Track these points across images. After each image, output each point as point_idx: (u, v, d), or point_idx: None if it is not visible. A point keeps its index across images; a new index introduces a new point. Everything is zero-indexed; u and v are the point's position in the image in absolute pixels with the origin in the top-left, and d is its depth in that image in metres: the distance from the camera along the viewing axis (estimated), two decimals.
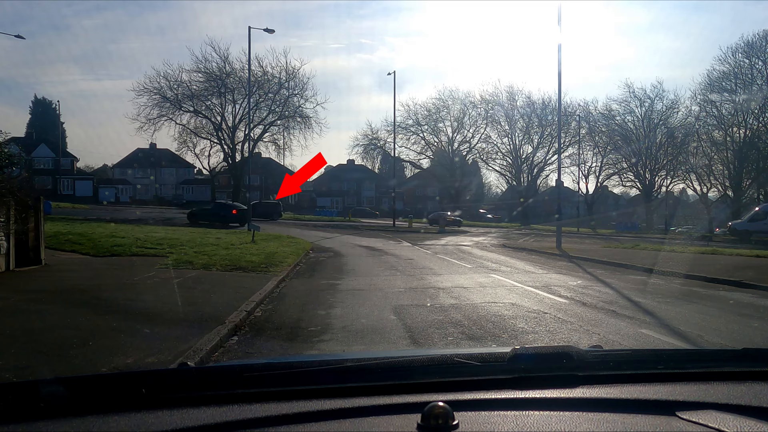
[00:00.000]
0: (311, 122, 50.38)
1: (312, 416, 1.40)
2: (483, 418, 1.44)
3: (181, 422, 1.35)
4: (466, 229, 44.65)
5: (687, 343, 6.81)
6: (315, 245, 22.34)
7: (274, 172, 69.17)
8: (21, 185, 11.52)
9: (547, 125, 59.37)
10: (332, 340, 6.53)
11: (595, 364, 1.77)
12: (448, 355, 1.78)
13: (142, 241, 17.71)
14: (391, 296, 9.93)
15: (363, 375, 1.66)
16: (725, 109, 50.56)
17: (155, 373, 2.17)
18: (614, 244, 28.14)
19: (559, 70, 22.97)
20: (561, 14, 22.51)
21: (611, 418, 1.45)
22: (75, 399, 1.42)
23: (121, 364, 5.07)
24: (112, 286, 9.79)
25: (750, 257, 18.94)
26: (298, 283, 11.78)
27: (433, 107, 60.11)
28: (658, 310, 8.88)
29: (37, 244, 12.12)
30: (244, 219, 32.48)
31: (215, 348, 5.91)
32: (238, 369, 1.80)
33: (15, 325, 6.60)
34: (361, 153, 63.47)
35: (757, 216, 34.63)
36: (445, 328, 7.20)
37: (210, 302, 8.51)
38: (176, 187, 78.61)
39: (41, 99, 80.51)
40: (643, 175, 56.80)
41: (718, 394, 1.62)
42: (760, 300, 10.45)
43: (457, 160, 63.16)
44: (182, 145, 50.33)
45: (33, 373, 4.76)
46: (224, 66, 48.63)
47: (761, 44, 48.18)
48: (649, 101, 55.75)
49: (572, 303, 9.49)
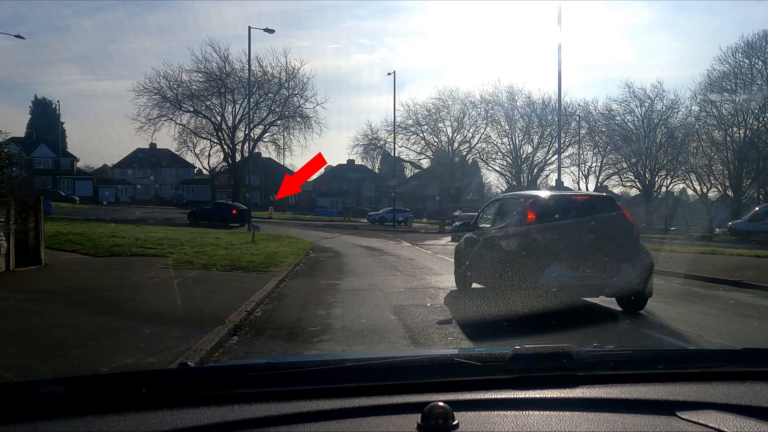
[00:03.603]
0: (311, 122, 50.47)
1: (312, 416, 1.40)
2: (483, 418, 1.44)
3: (181, 422, 1.35)
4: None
5: (687, 343, 6.81)
6: (315, 245, 22.34)
7: (274, 172, 69.21)
8: (21, 185, 11.52)
9: (547, 125, 59.36)
10: (332, 340, 6.52)
11: (595, 364, 1.77)
12: (448, 355, 1.78)
13: (142, 241, 17.71)
14: (391, 296, 9.93)
15: (363, 375, 1.66)
16: (725, 109, 50.59)
17: (155, 373, 2.17)
18: None
19: (559, 70, 23.04)
20: (561, 14, 22.56)
21: (611, 418, 1.45)
22: (75, 399, 1.42)
23: (121, 364, 5.06)
24: (112, 286, 9.79)
25: (750, 257, 18.94)
26: (298, 283, 11.78)
27: (433, 107, 60.15)
28: (658, 310, 8.87)
29: (37, 244, 12.11)
30: (244, 219, 32.49)
31: (215, 348, 5.91)
32: (239, 369, 1.80)
33: (15, 325, 6.60)
34: (361, 153, 63.53)
35: (757, 216, 34.62)
36: (445, 328, 7.20)
37: (210, 302, 8.51)
38: (176, 187, 78.65)
39: (41, 99, 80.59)
40: (643, 175, 56.78)
41: (718, 394, 1.62)
42: (760, 300, 10.45)
43: (457, 160, 63.14)
44: (182, 145, 50.43)
45: (33, 373, 4.76)
46: (224, 66, 48.73)
47: (761, 44, 48.22)
48: (649, 101, 55.76)
49: None
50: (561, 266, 7.81)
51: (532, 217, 8.36)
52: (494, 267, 8.64)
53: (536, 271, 7.77)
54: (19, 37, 38.87)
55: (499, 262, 8.54)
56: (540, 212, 8.49)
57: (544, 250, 7.90)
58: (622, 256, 8.14)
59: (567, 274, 7.83)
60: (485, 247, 9.42)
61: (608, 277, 7.91)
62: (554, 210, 8.64)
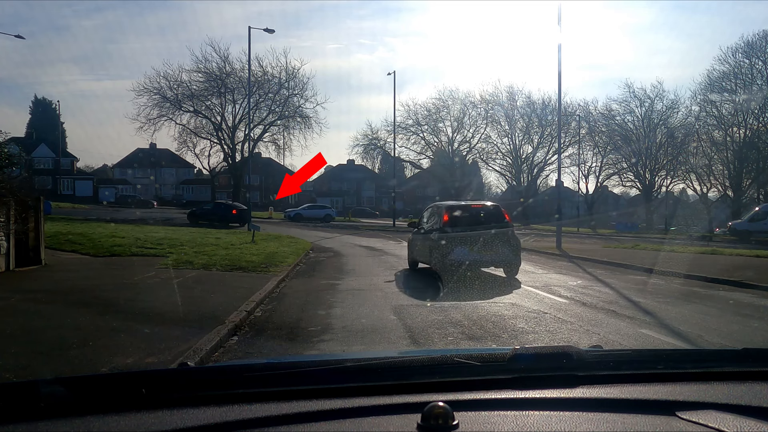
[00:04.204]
0: (311, 122, 50.40)
1: (312, 416, 1.40)
2: (483, 418, 1.44)
3: (181, 422, 1.35)
4: None
5: (687, 343, 6.81)
6: (315, 245, 22.34)
7: (274, 172, 69.22)
8: (21, 185, 11.52)
9: (547, 125, 59.29)
10: (332, 340, 6.52)
11: (595, 364, 1.77)
12: (448, 355, 1.78)
13: (142, 241, 17.72)
14: (391, 296, 9.93)
15: (363, 375, 1.66)
16: (725, 109, 50.60)
17: (155, 373, 2.17)
18: (614, 244, 28.13)
19: (559, 70, 22.97)
20: (561, 14, 22.53)
21: (611, 418, 1.45)
22: (75, 399, 1.42)
23: (121, 364, 5.06)
24: (112, 286, 9.79)
25: (750, 257, 18.93)
26: (298, 283, 11.78)
27: (433, 107, 60.09)
28: (658, 310, 8.88)
29: (37, 244, 12.12)
30: (244, 219, 32.49)
31: (215, 348, 5.91)
32: (239, 369, 1.80)
33: (15, 325, 6.60)
34: (361, 153, 63.44)
35: (757, 216, 34.61)
36: (445, 328, 7.20)
37: (210, 302, 8.51)
38: (176, 187, 78.65)
39: (41, 99, 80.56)
40: (643, 175, 56.79)
41: (718, 394, 1.62)
42: (760, 300, 10.45)
43: (457, 160, 63.08)
44: (182, 145, 50.39)
45: (33, 373, 4.76)
46: (224, 66, 48.69)
47: (761, 44, 48.22)
48: (649, 101, 55.79)
49: (572, 303, 9.49)
50: (464, 248, 12.17)
51: (446, 219, 12.82)
52: (427, 251, 13.16)
53: (450, 252, 12.24)
54: (19, 37, 38.88)
55: (429, 248, 13.02)
56: (451, 215, 12.95)
57: (453, 238, 12.35)
58: (502, 242, 12.58)
59: (468, 254, 12.16)
60: (422, 239, 13.84)
61: (494, 255, 12.55)
62: (460, 213, 13.18)
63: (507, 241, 12.63)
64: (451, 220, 12.76)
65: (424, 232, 13.96)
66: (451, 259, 12.07)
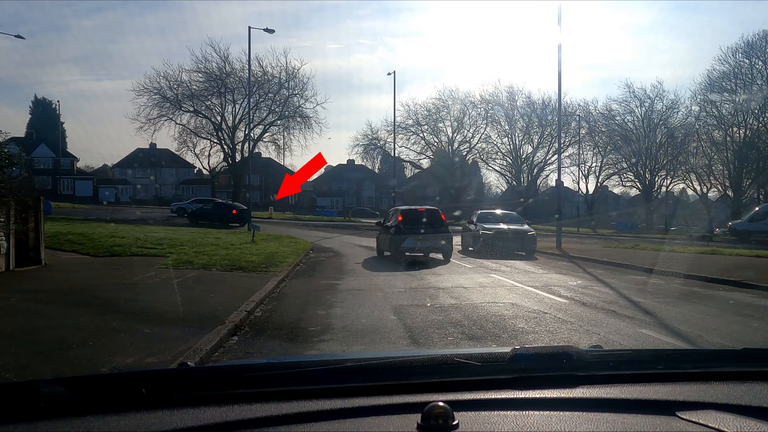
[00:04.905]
0: (311, 122, 50.35)
1: (312, 416, 1.40)
2: (483, 418, 1.44)
3: (181, 422, 1.35)
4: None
5: (687, 343, 6.81)
6: (315, 245, 22.35)
7: (274, 172, 69.13)
8: (21, 185, 11.52)
9: (547, 125, 59.24)
10: (332, 340, 6.53)
11: (595, 364, 1.77)
12: (448, 355, 1.78)
13: (142, 241, 17.72)
14: (391, 296, 9.94)
15: (363, 375, 1.66)
16: (725, 109, 50.55)
17: (155, 373, 2.17)
18: (614, 244, 28.14)
19: (559, 70, 22.98)
20: (561, 14, 22.56)
21: (611, 418, 1.45)
22: (75, 399, 1.42)
23: (121, 364, 5.07)
24: (112, 286, 9.79)
25: (750, 257, 18.93)
26: (298, 283, 11.78)
27: (433, 107, 60.04)
28: (658, 310, 8.88)
29: (37, 244, 12.12)
30: (244, 219, 32.48)
31: (215, 348, 5.91)
32: (239, 369, 1.80)
33: (15, 325, 6.60)
34: (361, 153, 63.42)
35: (757, 216, 34.60)
36: (445, 328, 7.20)
37: (210, 302, 8.51)
38: (176, 187, 78.55)
39: (41, 99, 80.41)
40: (643, 175, 56.75)
41: (718, 394, 1.62)
42: (760, 300, 10.45)
43: (457, 160, 63.06)
44: (182, 145, 50.35)
45: (33, 373, 4.76)
46: (224, 66, 48.64)
47: (761, 44, 48.20)
48: (649, 101, 55.71)
49: (572, 303, 9.49)
50: (412, 240, 16.82)
51: (400, 218, 17.28)
52: (388, 243, 17.47)
53: (402, 242, 16.78)
54: (19, 37, 38.82)
55: (388, 241, 17.39)
56: (403, 215, 17.52)
57: (405, 232, 16.86)
58: (439, 235, 17.12)
59: (415, 243, 16.88)
60: (385, 233, 18.10)
61: (433, 244, 17.17)
62: (410, 214, 17.82)
63: (443, 234, 17.25)
64: (404, 218, 17.24)
65: (385, 229, 18.29)
66: (404, 247, 16.74)
